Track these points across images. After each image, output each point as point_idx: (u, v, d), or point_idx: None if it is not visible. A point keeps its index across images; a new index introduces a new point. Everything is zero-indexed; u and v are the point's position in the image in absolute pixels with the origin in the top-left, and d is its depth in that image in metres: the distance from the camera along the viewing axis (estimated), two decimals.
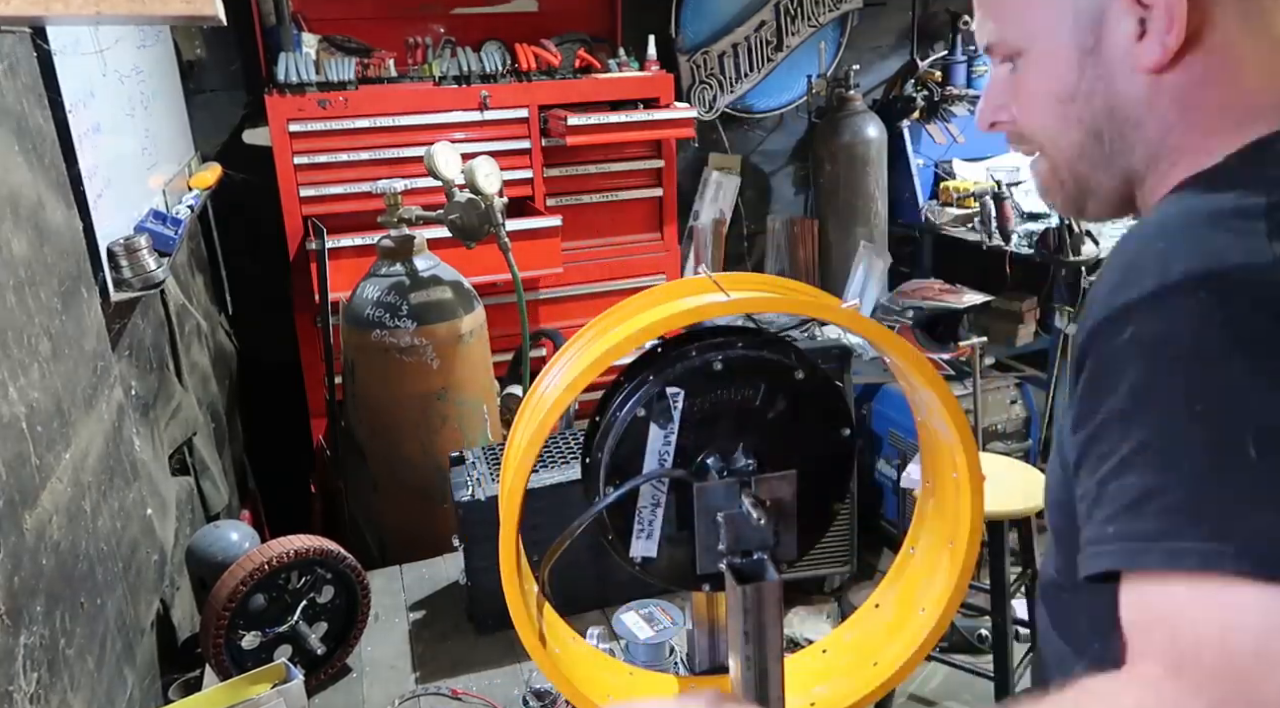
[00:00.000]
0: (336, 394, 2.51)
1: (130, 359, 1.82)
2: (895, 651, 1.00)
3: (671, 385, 0.87)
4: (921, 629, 0.98)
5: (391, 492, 2.37)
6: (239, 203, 3.04)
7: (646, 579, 0.93)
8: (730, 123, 3.97)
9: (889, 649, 1.00)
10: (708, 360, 0.87)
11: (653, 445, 0.88)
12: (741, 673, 0.83)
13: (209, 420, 2.45)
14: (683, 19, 3.80)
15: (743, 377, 0.88)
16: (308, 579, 1.55)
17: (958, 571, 0.94)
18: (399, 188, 2.29)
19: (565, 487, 1.58)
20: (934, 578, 0.98)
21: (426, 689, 1.51)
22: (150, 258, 1.74)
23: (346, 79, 2.96)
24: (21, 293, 1.22)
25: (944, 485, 0.96)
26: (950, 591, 0.95)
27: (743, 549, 0.86)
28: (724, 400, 0.88)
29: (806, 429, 0.85)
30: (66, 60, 1.58)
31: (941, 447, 0.94)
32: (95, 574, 1.36)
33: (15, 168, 1.27)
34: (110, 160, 1.82)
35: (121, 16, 1.15)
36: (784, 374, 0.88)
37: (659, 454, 0.88)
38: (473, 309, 2.35)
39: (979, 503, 0.92)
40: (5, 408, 1.12)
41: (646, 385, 0.88)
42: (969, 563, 0.94)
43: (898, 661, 0.99)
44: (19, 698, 1.04)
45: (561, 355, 0.96)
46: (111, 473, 1.50)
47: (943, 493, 0.97)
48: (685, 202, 3.88)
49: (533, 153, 3.21)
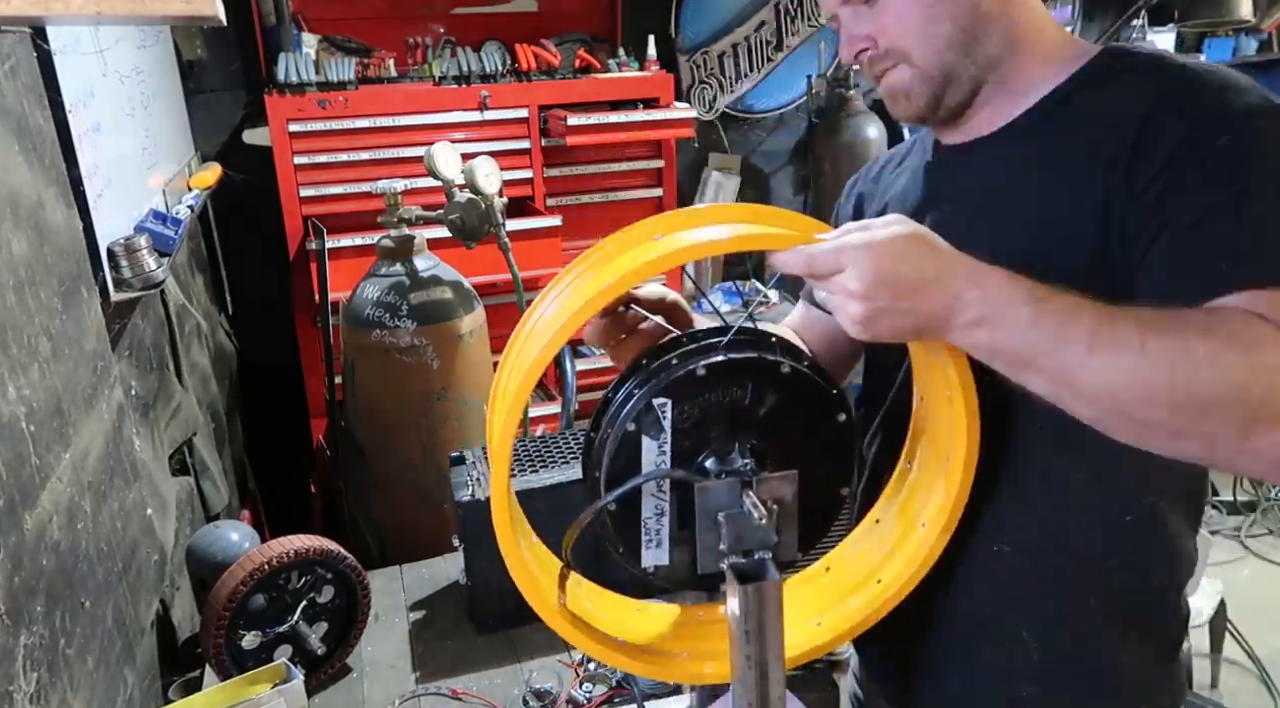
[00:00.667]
0: (336, 394, 2.51)
1: (130, 359, 1.82)
2: (898, 568, 1.00)
3: (658, 397, 0.87)
4: (923, 545, 0.98)
5: (391, 492, 2.37)
6: (239, 203, 3.04)
7: (656, 584, 0.94)
8: (730, 123, 3.97)
9: (891, 566, 1.01)
10: (690, 368, 0.87)
11: (648, 457, 0.88)
12: (742, 672, 0.83)
13: (209, 420, 2.45)
14: (683, 19, 3.80)
15: (729, 378, 0.88)
16: (308, 579, 1.55)
17: (956, 486, 0.95)
18: (399, 188, 2.29)
19: (565, 487, 1.58)
20: (932, 493, 0.99)
21: (426, 689, 1.51)
22: (150, 258, 1.74)
23: (346, 79, 2.96)
24: (21, 293, 1.22)
25: (937, 401, 0.96)
26: (950, 505, 0.96)
27: (744, 549, 0.86)
28: (714, 403, 0.88)
29: (802, 420, 0.85)
30: (66, 60, 1.58)
31: (933, 362, 0.94)
32: (95, 574, 1.36)
33: (15, 168, 1.27)
34: (110, 160, 1.82)
35: (121, 16, 1.15)
36: (770, 370, 0.88)
37: (655, 464, 0.89)
38: (473, 309, 2.35)
39: (974, 418, 0.92)
40: (5, 408, 1.12)
41: (633, 401, 0.88)
42: (966, 477, 0.94)
43: (900, 578, 0.99)
44: (19, 698, 1.04)
45: (553, 288, 0.96)
46: (111, 473, 1.50)
47: (936, 408, 0.97)
48: (685, 202, 3.87)
49: (533, 153, 3.21)
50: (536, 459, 1.68)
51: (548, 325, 0.89)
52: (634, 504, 0.89)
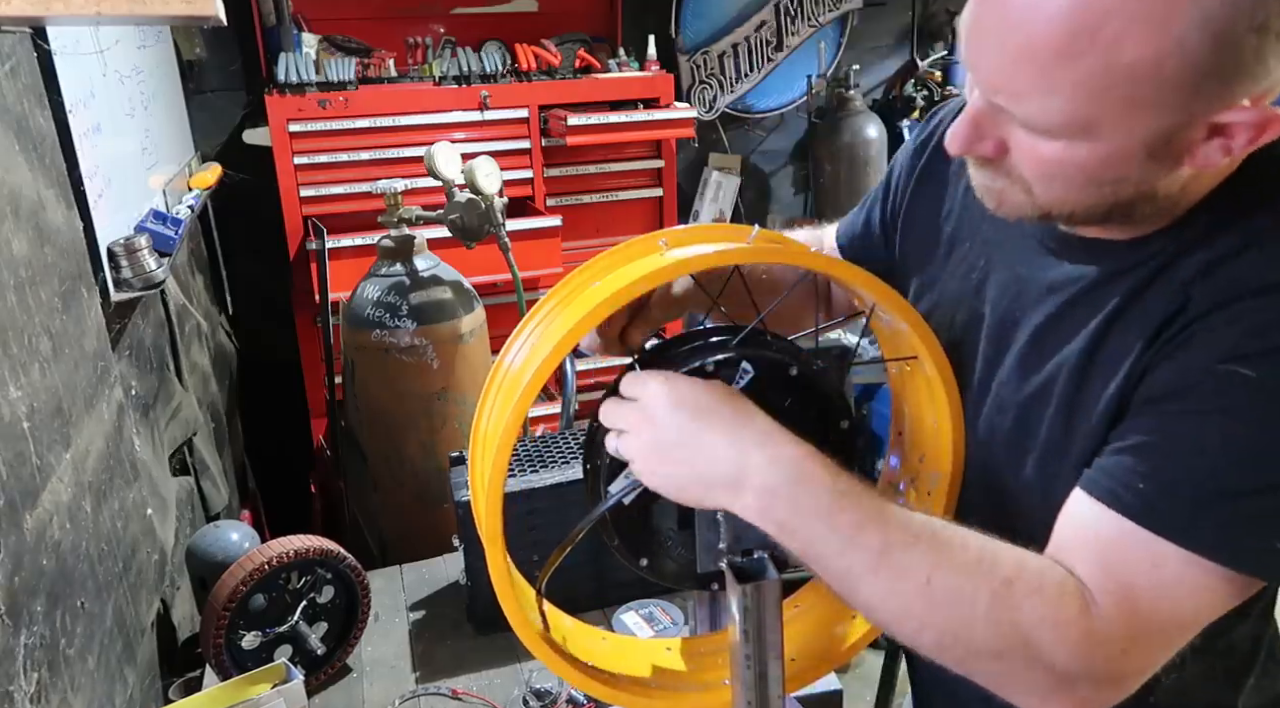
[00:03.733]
0: (336, 394, 2.51)
1: (130, 359, 1.82)
2: None
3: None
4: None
5: (391, 492, 2.37)
6: (239, 203, 3.04)
7: (650, 579, 0.93)
8: (730, 123, 3.97)
9: None
10: (700, 365, 0.86)
11: None
12: (741, 672, 0.83)
13: (209, 420, 2.45)
14: (683, 19, 3.80)
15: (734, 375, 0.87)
16: (308, 579, 1.55)
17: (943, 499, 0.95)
18: (399, 188, 2.29)
19: (565, 487, 1.58)
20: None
21: (426, 689, 1.51)
22: (150, 258, 1.74)
23: (346, 79, 2.95)
24: (22, 293, 1.22)
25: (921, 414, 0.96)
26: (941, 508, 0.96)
27: (743, 548, 0.86)
28: None
29: (804, 424, 0.85)
30: (66, 60, 1.58)
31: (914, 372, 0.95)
32: (95, 574, 1.36)
33: (15, 168, 1.27)
34: (110, 160, 1.82)
35: (121, 16, 1.15)
36: (778, 370, 0.88)
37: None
38: (473, 309, 2.35)
39: (959, 430, 0.92)
40: (5, 408, 1.12)
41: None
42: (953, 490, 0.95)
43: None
44: (19, 698, 1.04)
45: (525, 327, 0.95)
46: (112, 473, 1.51)
47: (919, 425, 0.97)
48: (685, 202, 3.88)
49: (533, 153, 3.21)
50: (536, 459, 1.68)
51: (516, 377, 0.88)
52: (637, 503, 0.89)
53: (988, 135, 0.77)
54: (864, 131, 3.79)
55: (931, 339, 0.91)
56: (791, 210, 4.16)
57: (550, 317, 0.91)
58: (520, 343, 0.93)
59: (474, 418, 0.97)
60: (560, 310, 0.90)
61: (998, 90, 0.73)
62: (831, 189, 3.88)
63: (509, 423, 0.83)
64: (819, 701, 1.42)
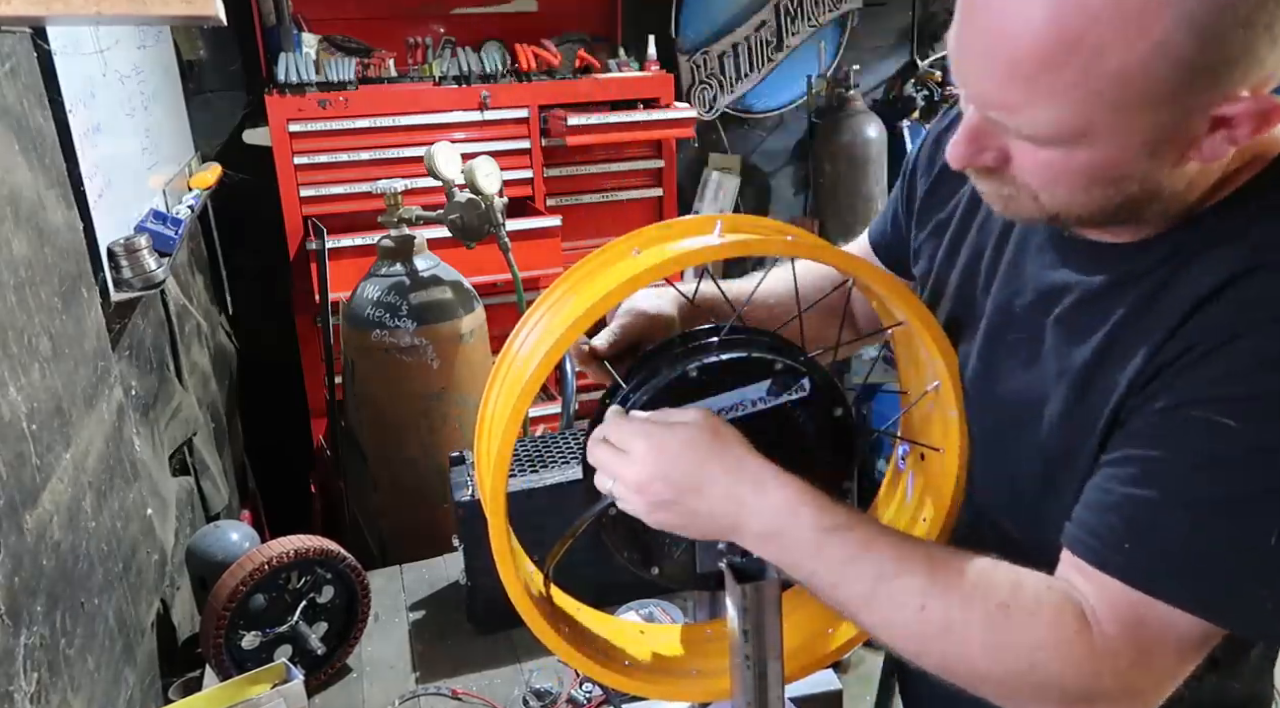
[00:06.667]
0: (336, 394, 2.51)
1: (130, 359, 1.82)
2: None
3: (654, 401, 0.87)
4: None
5: (391, 492, 2.37)
6: (239, 203, 3.04)
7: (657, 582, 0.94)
8: (730, 123, 3.97)
9: None
10: (683, 372, 0.87)
11: None
12: (741, 672, 0.83)
13: (209, 420, 2.45)
14: (683, 19, 3.80)
15: (722, 378, 0.87)
16: (308, 579, 1.55)
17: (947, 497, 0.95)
18: (399, 188, 2.29)
19: (565, 487, 1.58)
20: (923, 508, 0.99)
21: (426, 689, 1.51)
22: (150, 258, 1.74)
23: (346, 79, 2.95)
24: (22, 293, 1.22)
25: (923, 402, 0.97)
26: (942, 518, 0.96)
27: (742, 548, 0.86)
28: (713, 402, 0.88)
29: (798, 417, 0.85)
30: (66, 60, 1.58)
31: (920, 360, 0.95)
32: (95, 574, 1.36)
33: (15, 168, 1.27)
34: (110, 160, 1.82)
35: (121, 16, 1.16)
36: (762, 368, 0.88)
37: None
38: (473, 309, 2.35)
39: (961, 415, 0.93)
40: (5, 408, 1.12)
41: (628, 405, 0.88)
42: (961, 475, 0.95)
43: None
44: (19, 698, 1.04)
45: (534, 313, 0.96)
46: (111, 473, 1.51)
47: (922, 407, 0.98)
48: (685, 202, 3.87)
49: (533, 153, 3.20)
50: (536, 459, 1.68)
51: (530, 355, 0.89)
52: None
53: (988, 147, 0.77)
54: (864, 132, 3.78)
55: (938, 333, 0.92)
56: (791, 210, 4.16)
57: (563, 300, 0.92)
58: (540, 314, 0.95)
59: (479, 406, 0.98)
60: (587, 281, 0.92)
61: (990, 105, 0.74)
62: (831, 189, 3.87)
63: (530, 381, 0.83)
64: (819, 701, 1.42)
